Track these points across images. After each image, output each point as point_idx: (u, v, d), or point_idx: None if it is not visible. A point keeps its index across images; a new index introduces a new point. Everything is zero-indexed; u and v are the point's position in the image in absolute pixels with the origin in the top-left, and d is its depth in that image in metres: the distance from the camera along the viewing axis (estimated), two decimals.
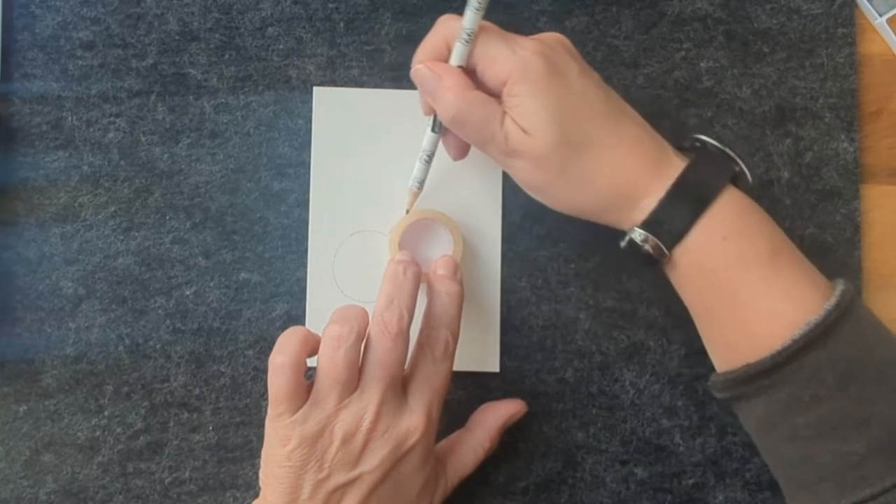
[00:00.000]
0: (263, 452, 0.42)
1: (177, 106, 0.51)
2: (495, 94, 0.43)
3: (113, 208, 0.50)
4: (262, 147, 0.51)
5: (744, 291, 0.42)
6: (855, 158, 0.51)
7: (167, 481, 0.49)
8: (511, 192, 0.51)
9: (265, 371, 0.43)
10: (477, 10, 0.42)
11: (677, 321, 0.50)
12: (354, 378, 0.41)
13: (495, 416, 0.48)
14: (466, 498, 0.49)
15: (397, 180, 0.50)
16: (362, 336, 0.42)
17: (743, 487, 0.49)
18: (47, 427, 0.49)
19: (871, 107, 0.52)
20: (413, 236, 0.49)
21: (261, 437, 0.43)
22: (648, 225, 0.42)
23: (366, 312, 0.42)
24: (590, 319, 0.50)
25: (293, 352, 0.41)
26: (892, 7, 0.51)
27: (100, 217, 0.50)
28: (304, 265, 0.50)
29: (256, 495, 0.43)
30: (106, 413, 0.49)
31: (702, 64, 0.52)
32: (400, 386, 0.43)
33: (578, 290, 0.50)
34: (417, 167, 0.48)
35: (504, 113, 0.42)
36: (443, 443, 0.47)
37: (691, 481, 0.50)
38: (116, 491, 0.49)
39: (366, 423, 0.41)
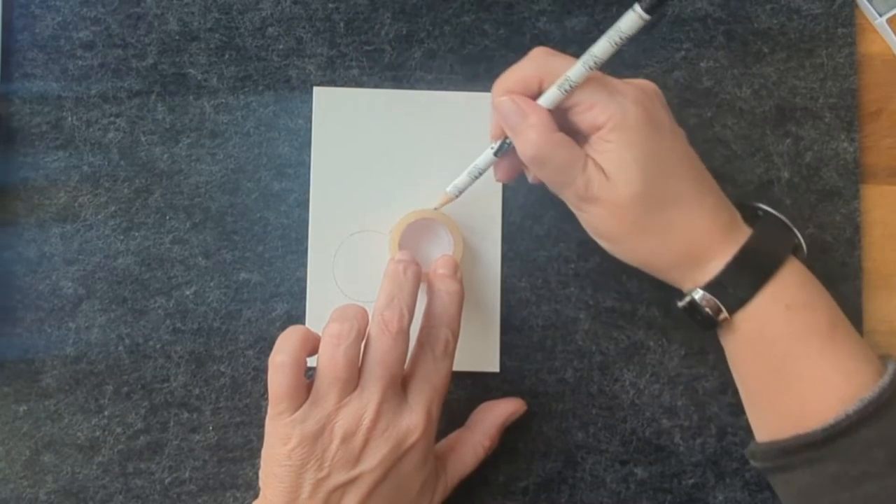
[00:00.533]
0: (263, 452, 0.42)
1: (177, 106, 0.51)
2: (581, 135, 0.43)
3: (113, 208, 0.50)
4: (262, 147, 0.51)
5: (801, 362, 0.42)
6: (855, 158, 0.51)
7: (167, 481, 0.49)
8: (511, 192, 0.51)
9: (265, 371, 0.43)
10: (589, 67, 0.41)
11: (677, 321, 0.50)
12: (354, 377, 0.41)
13: (495, 414, 0.48)
14: (466, 498, 0.49)
15: (397, 180, 0.50)
16: (362, 335, 0.42)
17: (743, 487, 0.49)
18: (47, 427, 0.49)
19: (871, 107, 0.52)
20: (413, 236, 0.49)
21: (261, 437, 0.43)
22: (712, 287, 0.43)
23: (366, 311, 0.42)
24: (590, 319, 0.50)
25: (293, 351, 0.41)
26: (892, 7, 0.51)
27: (100, 217, 0.50)
28: (304, 265, 0.50)
29: (256, 495, 0.43)
30: (106, 413, 0.49)
31: (702, 64, 0.52)
32: (400, 385, 0.43)
33: (578, 290, 0.50)
34: (463, 178, 0.47)
35: (587, 157, 0.42)
36: (443, 442, 0.47)
37: (691, 481, 0.50)
38: (116, 491, 0.49)
39: (366, 422, 0.41)
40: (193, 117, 0.51)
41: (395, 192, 0.50)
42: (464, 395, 0.50)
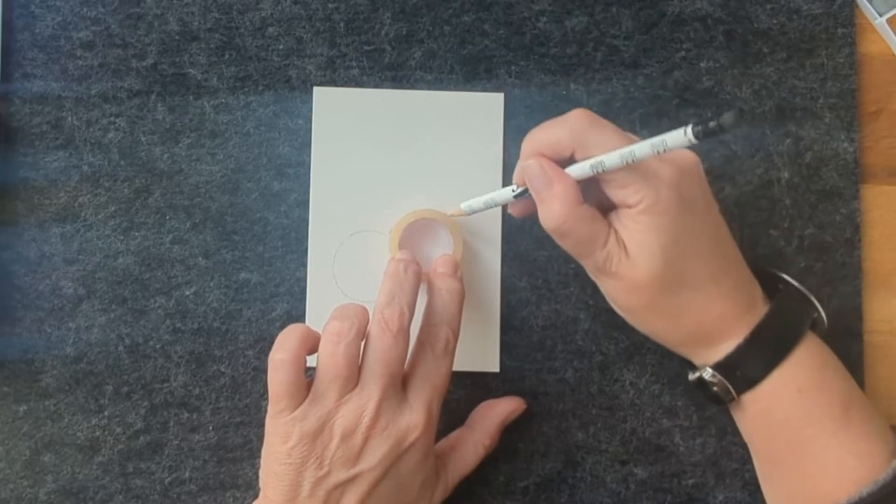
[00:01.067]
0: (264, 451, 0.42)
1: (177, 106, 0.51)
2: (607, 206, 0.42)
3: (113, 208, 0.50)
4: (262, 147, 0.51)
5: (813, 444, 0.42)
6: (855, 158, 0.51)
7: (167, 481, 0.49)
8: None
9: (265, 371, 0.43)
10: (626, 162, 0.39)
11: None
12: (354, 374, 0.41)
13: (495, 413, 0.48)
14: (466, 498, 0.49)
15: (397, 180, 0.50)
16: (362, 333, 0.42)
17: (743, 487, 0.49)
18: (47, 427, 0.49)
19: (871, 107, 0.52)
20: (413, 236, 0.49)
21: (261, 437, 0.43)
22: (722, 368, 0.42)
23: (366, 310, 0.42)
24: (590, 319, 0.50)
25: (293, 348, 0.41)
26: (892, 7, 0.51)
27: (100, 217, 0.50)
28: (304, 265, 0.50)
29: (256, 495, 0.43)
30: (106, 413, 0.49)
31: (702, 64, 0.52)
32: (400, 383, 0.42)
33: (578, 290, 0.50)
34: (478, 203, 0.47)
35: (609, 231, 0.41)
36: (443, 441, 0.47)
37: (691, 481, 0.50)
38: (116, 491, 0.49)
39: (366, 420, 0.41)
40: (193, 117, 0.51)
41: (395, 192, 0.50)
42: (464, 395, 0.50)
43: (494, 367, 0.50)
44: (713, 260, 0.42)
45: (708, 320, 0.42)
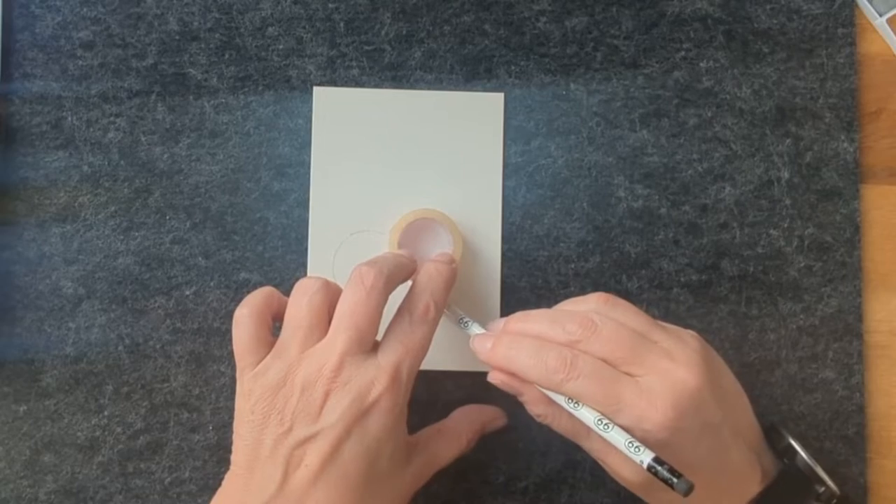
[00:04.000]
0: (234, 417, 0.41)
1: (177, 106, 0.51)
2: None
3: (113, 208, 0.50)
4: (262, 147, 0.51)
5: None
6: (855, 158, 0.51)
7: (167, 481, 0.49)
8: (511, 192, 0.51)
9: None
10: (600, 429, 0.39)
11: (677, 321, 0.50)
12: (320, 326, 0.40)
13: (479, 412, 0.47)
14: (466, 498, 0.49)
15: (397, 180, 0.50)
16: (334, 291, 0.41)
17: None
18: (47, 427, 0.49)
19: (871, 107, 0.52)
20: (413, 236, 0.49)
21: None
22: None
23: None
24: None
25: (255, 304, 0.41)
26: (892, 7, 0.51)
27: (100, 217, 0.50)
28: (304, 265, 0.50)
29: None
30: (106, 413, 0.49)
31: (702, 64, 0.52)
32: (370, 343, 0.41)
33: (578, 290, 0.50)
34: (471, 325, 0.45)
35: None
36: (425, 429, 0.46)
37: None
38: (116, 491, 0.49)
39: (327, 371, 0.39)
40: (193, 117, 0.51)
41: (395, 192, 0.50)
42: (464, 395, 0.50)
43: None
44: (719, 448, 0.40)
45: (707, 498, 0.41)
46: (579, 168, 0.51)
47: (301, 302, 0.40)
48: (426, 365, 0.49)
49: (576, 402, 0.39)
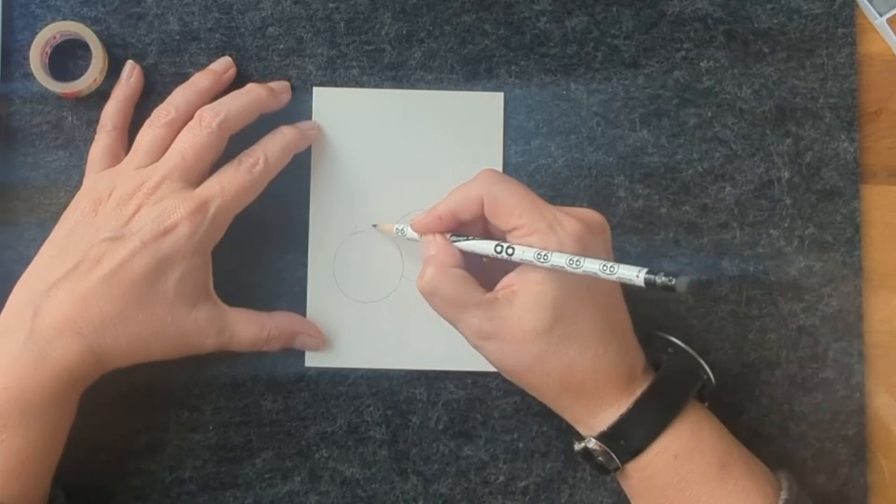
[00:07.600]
0: None
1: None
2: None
3: None
4: None
5: None
6: (855, 158, 0.51)
7: (167, 481, 0.49)
8: None
9: (265, 371, 0.43)
10: (539, 260, 0.41)
11: (676, 321, 0.50)
12: (157, 153, 0.45)
13: (300, 322, 0.49)
14: (466, 498, 0.49)
15: (397, 180, 0.50)
16: (179, 124, 0.46)
17: None
18: None
19: (871, 107, 0.52)
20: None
21: (261, 437, 0.43)
22: (605, 438, 0.43)
23: (197, 105, 0.47)
24: None
25: (117, 124, 0.48)
26: (892, 7, 0.51)
27: None
28: (304, 265, 0.50)
29: (256, 495, 0.43)
30: (106, 413, 0.49)
31: (702, 64, 0.52)
32: (195, 178, 0.45)
33: None
34: (405, 230, 0.47)
35: (486, 299, 0.42)
36: (242, 310, 0.47)
37: None
38: (116, 490, 0.49)
39: (145, 189, 0.44)
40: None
41: (396, 192, 0.50)
42: (464, 395, 0.50)
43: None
44: (604, 320, 0.43)
45: (591, 386, 0.42)
46: (579, 168, 0.51)
47: (146, 133, 0.46)
48: (426, 365, 0.49)
49: (509, 247, 0.42)
